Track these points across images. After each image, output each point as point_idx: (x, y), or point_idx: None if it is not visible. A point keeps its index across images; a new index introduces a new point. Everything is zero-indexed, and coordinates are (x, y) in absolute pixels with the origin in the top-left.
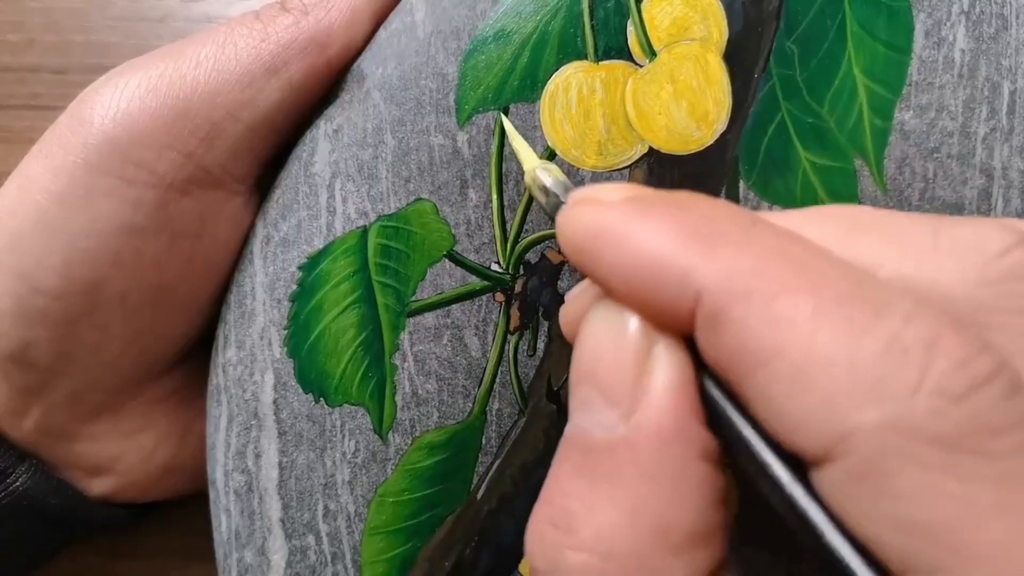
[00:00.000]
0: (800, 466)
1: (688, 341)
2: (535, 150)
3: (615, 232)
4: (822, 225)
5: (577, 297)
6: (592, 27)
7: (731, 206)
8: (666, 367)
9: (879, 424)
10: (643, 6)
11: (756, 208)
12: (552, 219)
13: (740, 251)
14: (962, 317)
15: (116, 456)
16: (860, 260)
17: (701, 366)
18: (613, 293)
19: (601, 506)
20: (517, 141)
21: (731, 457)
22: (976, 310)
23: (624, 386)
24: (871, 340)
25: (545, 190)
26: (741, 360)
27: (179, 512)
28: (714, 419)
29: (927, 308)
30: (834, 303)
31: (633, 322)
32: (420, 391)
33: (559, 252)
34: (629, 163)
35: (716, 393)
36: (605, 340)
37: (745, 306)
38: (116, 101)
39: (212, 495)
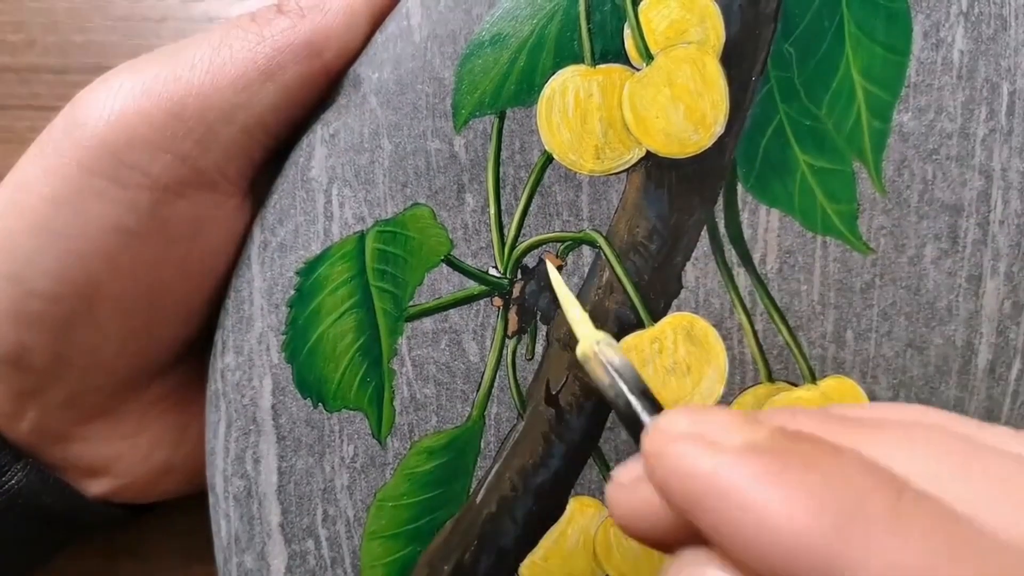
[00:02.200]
0: None
1: None
2: (532, 153)
3: (739, 496)
4: (927, 462)
5: (634, 488)
6: (589, 30)
7: (870, 462)
8: None
9: None
10: (640, 9)
11: (754, 211)
12: (616, 408)
13: (898, 541)
14: None
15: (113, 457)
16: (985, 522)
17: None
18: (725, 547)
19: None
20: (571, 305)
21: None
22: None
23: None
24: None
25: (613, 376)
26: None
27: (179, 512)
28: None
29: None
30: None
31: None
32: (418, 395)
33: (557, 256)
34: (626, 167)
35: None
36: None
37: None
38: (110, 103)
39: (212, 500)
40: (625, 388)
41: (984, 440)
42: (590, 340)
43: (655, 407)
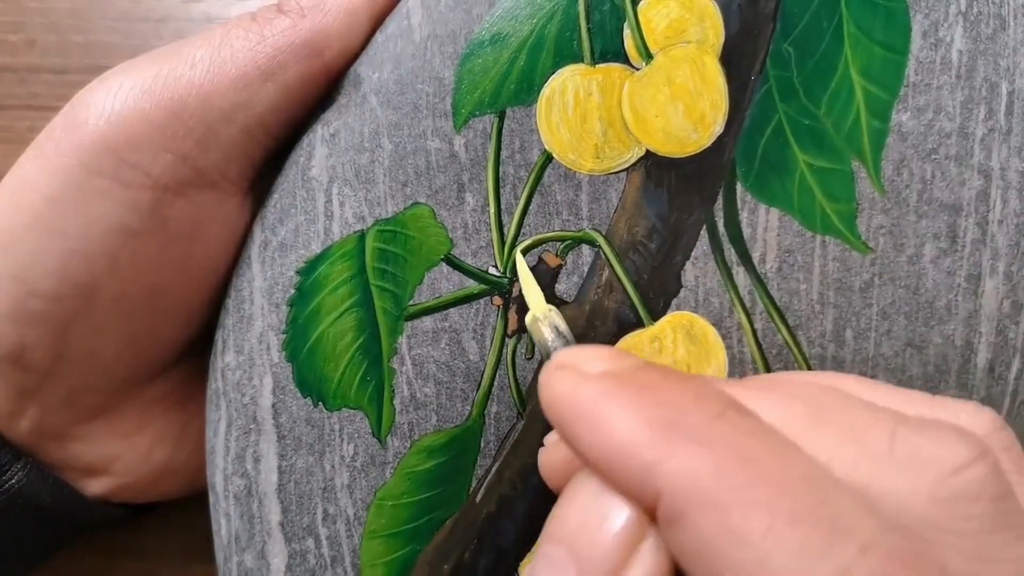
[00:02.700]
0: None
1: None
2: (532, 153)
3: (588, 410)
4: (789, 408)
5: (555, 446)
6: (588, 30)
7: (705, 388)
8: (648, 562)
9: None
10: (639, 9)
11: (754, 210)
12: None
13: (702, 449)
14: (912, 531)
15: (113, 457)
16: (818, 457)
17: None
18: (588, 465)
19: None
20: (528, 283)
21: None
22: (926, 528)
23: (603, 569)
24: (823, 569)
25: (543, 341)
26: (697, 564)
27: (179, 512)
28: None
29: (884, 537)
30: (790, 522)
31: (625, 514)
32: (418, 395)
33: (556, 255)
34: (626, 166)
35: None
36: (592, 516)
37: (701, 513)
38: (111, 102)
39: (212, 499)
40: (555, 342)
41: (868, 398)
42: (535, 313)
43: None
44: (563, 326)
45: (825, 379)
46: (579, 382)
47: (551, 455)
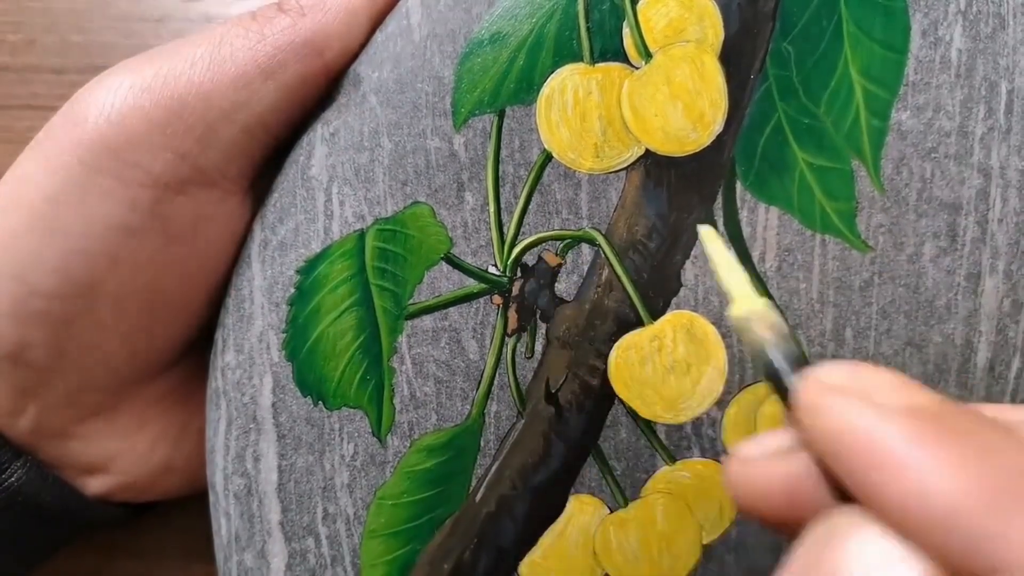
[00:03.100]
0: None
1: None
2: (532, 152)
3: (894, 458)
4: None
5: (769, 464)
6: (588, 29)
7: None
8: None
9: None
10: (639, 8)
11: (753, 209)
12: (766, 372)
13: None
14: None
15: (112, 455)
16: None
17: None
18: (882, 519)
19: None
20: (728, 265)
21: None
22: None
23: None
24: None
25: (769, 341)
26: None
27: (179, 512)
28: None
29: None
30: None
31: (924, 567)
32: (418, 394)
33: (556, 255)
34: (625, 165)
35: None
36: (878, 566)
37: None
38: (111, 101)
39: (212, 498)
40: (779, 354)
41: None
42: (747, 307)
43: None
44: (787, 328)
45: None
46: (879, 418)
47: (750, 472)
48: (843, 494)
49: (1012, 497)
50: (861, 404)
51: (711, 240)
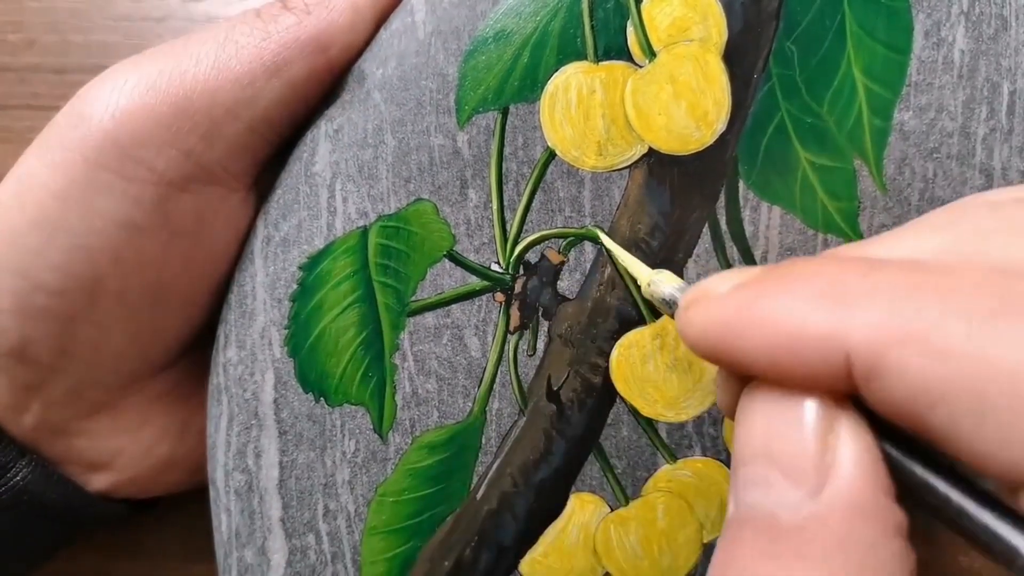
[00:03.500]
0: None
1: (856, 402)
2: (535, 150)
3: (743, 319)
4: (931, 237)
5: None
6: (592, 27)
7: (840, 260)
8: (850, 441)
9: None
10: (643, 7)
11: (756, 208)
12: (672, 314)
13: (873, 300)
14: None
15: (115, 451)
16: (1005, 264)
17: (875, 424)
18: (760, 376)
19: None
20: (625, 257)
21: (926, 507)
22: None
23: (808, 464)
24: None
25: (666, 301)
26: (915, 405)
27: (179, 511)
28: (901, 477)
29: None
30: (987, 319)
31: (810, 403)
32: (420, 391)
33: (558, 252)
34: (629, 163)
35: (898, 453)
36: (778, 421)
37: (899, 351)
38: (115, 98)
39: (212, 494)
40: (677, 292)
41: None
42: (645, 279)
43: None
44: (679, 281)
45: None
46: (719, 302)
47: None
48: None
49: (835, 295)
50: (703, 303)
51: (606, 239)
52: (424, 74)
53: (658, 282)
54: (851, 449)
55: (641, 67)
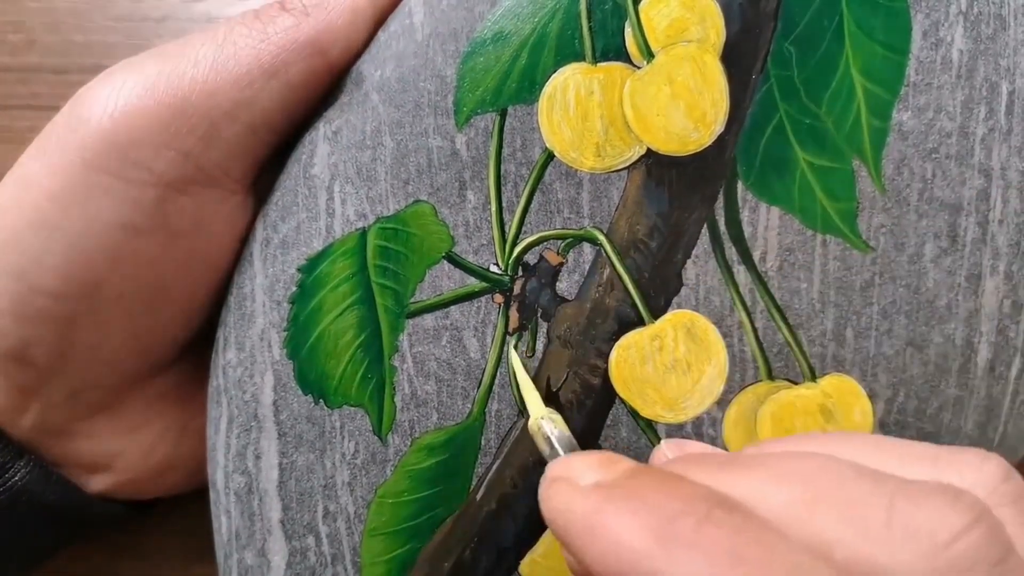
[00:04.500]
0: None
1: None
2: (534, 151)
3: (585, 523)
4: (789, 492)
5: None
6: (590, 29)
7: (693, 490)
8: None
9: None
10: (641, 8)
11: (754, 209)
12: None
13: (693, 554)
14: None
15: (115, 453)
16: (820, 538)
17: None
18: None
19: None
20: (526, 386)
21: None
22: None
23: None
24: None
25: (549, 442)
26: None
27: (179, 512)
28: None
29: None
30: None
31: None
32: (419, 392)
33: (557, 253)
34: (627, 164)
35: None
36: None
37: None
38: (114, 100)
39: (212, 496)
40: (551, 453)
41: (870, 460)
42: (536, 415)
43: None
44: (559, 431)
45: (825, 445)
46: (574, 497)
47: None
48: None
49: (665, 538)
50: (562, 487)
51: (516, 363)
52: (422, 76)
53: (550, 423)
54: None
55: (639, 68)
